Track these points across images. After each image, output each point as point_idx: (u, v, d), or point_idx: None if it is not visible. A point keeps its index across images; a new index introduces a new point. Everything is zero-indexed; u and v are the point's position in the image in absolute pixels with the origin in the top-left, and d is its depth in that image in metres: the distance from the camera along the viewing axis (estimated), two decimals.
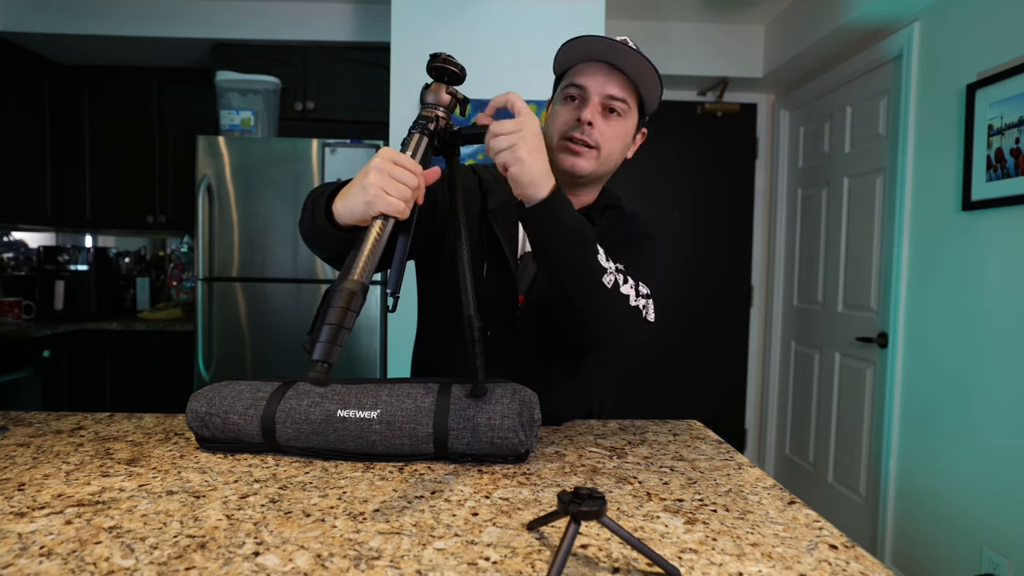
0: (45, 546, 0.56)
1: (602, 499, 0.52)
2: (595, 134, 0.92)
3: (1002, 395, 1.74)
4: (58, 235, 3.37)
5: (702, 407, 3.24)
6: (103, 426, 0.97)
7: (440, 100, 0.80)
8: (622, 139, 0.95)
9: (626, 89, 0.93)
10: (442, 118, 0.79)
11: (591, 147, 0.93)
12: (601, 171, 0.97)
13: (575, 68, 0.95)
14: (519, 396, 0.80)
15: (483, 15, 2.31)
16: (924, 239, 2.08)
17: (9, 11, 2.70)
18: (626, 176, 3.16)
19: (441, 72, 0.79)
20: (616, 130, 0.94)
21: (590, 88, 0.92)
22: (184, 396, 2.43)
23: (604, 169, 0.97)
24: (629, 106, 0.94)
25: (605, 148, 0.94)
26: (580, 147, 0.93)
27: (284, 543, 0.57)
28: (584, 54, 0.93)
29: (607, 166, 0.97)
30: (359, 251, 0.66)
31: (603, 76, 0.92)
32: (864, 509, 2.37)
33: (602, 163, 0.95)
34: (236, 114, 2.52)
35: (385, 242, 0.69)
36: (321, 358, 0.58)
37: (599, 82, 0.92)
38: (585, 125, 0.91)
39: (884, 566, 0.56)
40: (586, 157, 0.93)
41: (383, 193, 0.69)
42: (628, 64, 0.91)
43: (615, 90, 0.92)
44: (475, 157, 2.31)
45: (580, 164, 0.94)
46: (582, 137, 0.92)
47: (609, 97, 0.92)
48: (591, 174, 0.95)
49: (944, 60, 2.01)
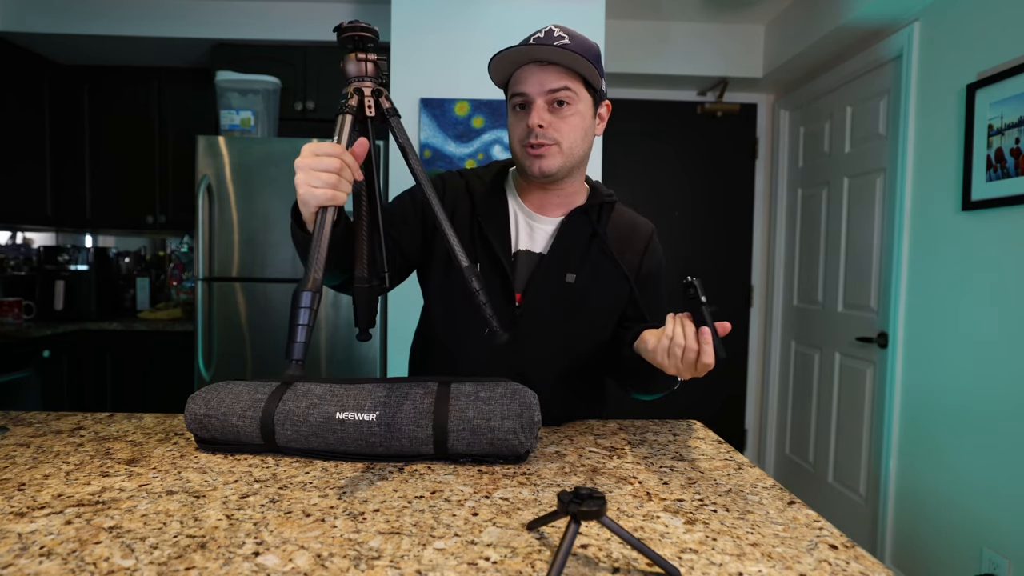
0: (45, 546, 0.56)
1: (602, 499, 0.52)
2: (550, 133, 0.95)
3: (1002, 395, 1.74)
4: (58, 235, 3.37)
5: (702, 407, 3.24)
6: (103, 426, 0.97)
7: (358, 71, 0.78)
8: (578, 126, 0.97)
9: (564, 77, 0.95)
10: (365, 88, 0.78)
11: (550, 144, 0.96)
12: (570, 162, 0.99)
13: (515, 76, 0.98)
14: (519, 397, 0.79)
15: (483, 15, 2.31)
16: (924, 239, 2.08)
17: (9, 11, 2.70)
18: (626, 176, 3.18)
19: (350, 42, 0.77)
20: (570, 120, 0.96)
21: (530, 92, 0.95)
22: (184, 396, 2.43)
23: (573, 160, 0.99)
24: (574, 91, 0.96)
25: (565, 141, 0.97)
26: (541, 148, 0.96)
27: (284, 543, 0.57)
28: (515, 62, 0.96)
29: (575, 155, 0.99)
30: (311, 251, 0.70)
31: (538, 76, 0.95)
32: (864, 509, 2.37)
33: (568, 155, 0.98)
34: (236, 114, 2.52)
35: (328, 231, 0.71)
36: (299, 357, 0.64)
37: (536, 83, 0.95)
38: (536, 129, 0.95)
39: (884, 566, 0.56)
40: (549, 155, 0.96)
41: (310, 188, 0.72)
42: (555, 56, 0.93)
43: (553, 83, 0.94)
44: (475, 157, 2.31)
45: (547, 164, 0.97)
46: (539, 141, 0.95)
47: (550, 92, 0.95)
48: (559, 169, 0.98)
49: (944, 60, 2.01)
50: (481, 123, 2.31)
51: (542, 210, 1.05)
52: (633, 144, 3.18)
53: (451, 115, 2.30)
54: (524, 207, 1.06)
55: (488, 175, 1.09)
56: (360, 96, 0.77)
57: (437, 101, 2.30)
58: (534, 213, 1.05)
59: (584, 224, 1.04)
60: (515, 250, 1.04)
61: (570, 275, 1.01)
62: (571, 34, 0.96)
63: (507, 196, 1.07)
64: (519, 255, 1.04)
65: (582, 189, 1.08)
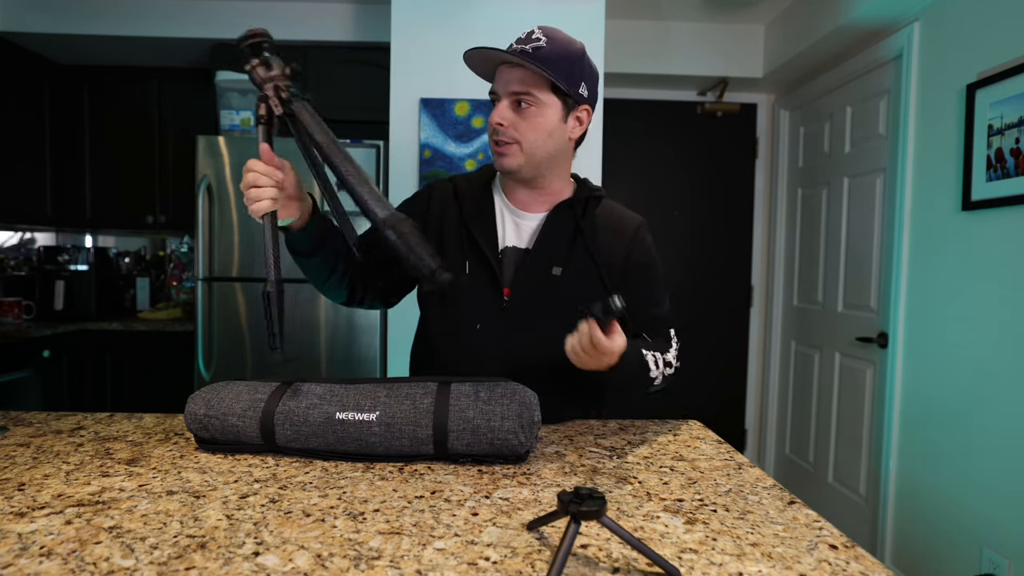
0: (45, 546, 0.56)
1: (602, 499, 0.52)
2: (509, 131, 0.98)
3: (1002, 395, 1.74)
4: (58, 235, 3.37)
5: (702, 407, 3.24)
6: (103, 426, 0.97)
7: (262, 77, 0.82)
8: (540, 128, 0.99)
9: (528, 81, 0.97)
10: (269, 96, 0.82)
11: (510, 143, 0.99)
12: (533, 161, 1.01)
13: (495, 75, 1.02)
14: (519, 397, 0.80)
15: (483, 15, 2.31)
16: (924, 239, 2.08)
17: (9, 11, 2.70)
18: (626, 176, 3.18)
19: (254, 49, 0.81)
20: (530, 121, 0.98)
21: (498, 90, 1.00)
22: (184, 396, 2.43)
23: (536, 159, 1.01)
24: (535, 95, 0.97)
25: (525, 140, 0.99)
26: (502, 147, 0.99)
27: (284, 543, 0.57)
28: (492, 61, 1.00)
29: (537, 155, 1.01)
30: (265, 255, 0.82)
31: (505, 76, 0.99)
32: (864, 509, 2.37)
33: (529, 154, 1.00)
34: (236, 114, 2.52)
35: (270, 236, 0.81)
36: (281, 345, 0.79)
37: (503, 83, 0.99)
38: (496, 126, 0.99)
39: (884, 566, 0.56)
40: (509, 154, 1.00)
41: (249, 202, 0.83)
42: (514, 61, 0.96)
43: (516, 85, 0.97)
44: (475, 157, 2.31)
45: (506, 161, 1.00)
46: (499, 137, 0.99)
47: (513, 93, 0.98)
48: (520, 167, 1.01)
49: (944, 60, 2.00)
50: (481, 123, 2.30)
51: (527, 207, 1.07)
52: (633, 144, 3.18)
53: (451, 115, 2.30)
54: (509, 205, 1.08)
55: (476, 177, 1.13)
56: (266, 102, 0.82)
57: (437, 101, 2.29)
58: (518, 210, 1.07)
59: (569, 218, 1.06)
60: (502, 247, 1.06)
61: (556, 268, 1.03)
62: (552, 36, 0.97)
63: (494, 195, 1.10)
64: (506, 251, 1.06)
65: (567, 186, 1.09)
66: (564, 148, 1.03)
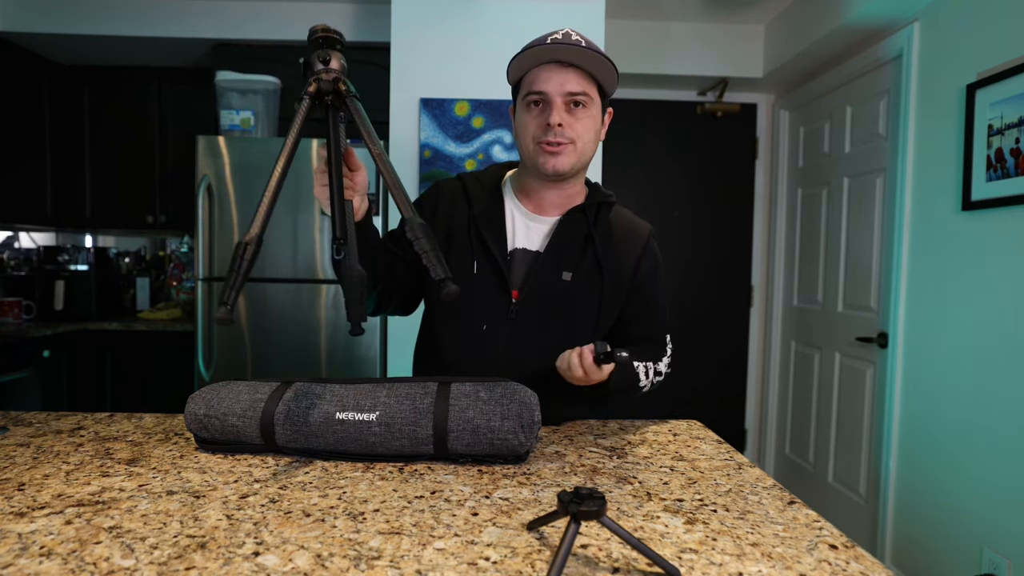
0: (45, 546, 0.56)
1: (602, 499, 0.52)
2: (567, 132, 0.98)
3: (1002, 394, 1.74)
4: (58, 235, 3.37)
5: (702, 407, 3.24)
6: (103, 426, 0.97)
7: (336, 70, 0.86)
8: (592, 128, 1.01)
9: (583, 82, 0.98)
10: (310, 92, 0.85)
11: (566, 143, 0.99)
12: (583, 161, 1.03)
13: (531, 74, 1.00)
14: (519, 397, 0.79)
15: (483, 15, 2.31)
16: (924, 239, 2.08)
17: (9, 11, 2.70)
18: (626, 175, 3.18)
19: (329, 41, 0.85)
20: (585, 122, 1.00)
21: (550, 91, 0.98)
22: (184, 396, 2.43)
23: (583, 160, 1.03)
24: (590, 96, 0.99)
25: (579, 141, 1.00)
26: (557, 147, 0.99)
27: (284, 543, 0.57)
28: (536, 59, 0.98)
29: (585, 156, 1.02)
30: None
31: (559, 77, 0.97)
32: (864, 509, 2.37)
33: (580, 155, 1.01)
34: (236, 114, 2.52)
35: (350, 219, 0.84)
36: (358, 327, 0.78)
37: (556, 83, 0.97)
38: (556, 128, 0.97)
39: (884, 566, 0.56)
40: (564, 154, 1.00)
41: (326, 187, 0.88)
42: (578, 58, 0.96)
43: (573, 86, 0.97)
44: (475, 157, 2.31)
45: (561, 162, 1.00)
46: (556, 139, 0.98)
47: (570, 94, 0.98)
48: (572, 168, 1.01)
49: (944, 60, 2.00)
50: (481, 123, 2.31)
51: (540, 210, 1.07)
52: (633, 144, 3.18)
53: (451, 115, 2.30)
54: (521, 207, 1.08)
55: (486, 177, 1.12)
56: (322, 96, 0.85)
57: (437, 101, 2.29)
58: (531, 213, 1.08)
59: (581, 223, 1.06)
60: (511, 248, 1.06)
61: (566, 273, 1.03)
62: (585, 38, 0.99)
63: (504, 197, 1.10)
64: (515, 253, 1.06)
65: (582, 190, 1.10)
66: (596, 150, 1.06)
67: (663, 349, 1.13)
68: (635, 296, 1.09)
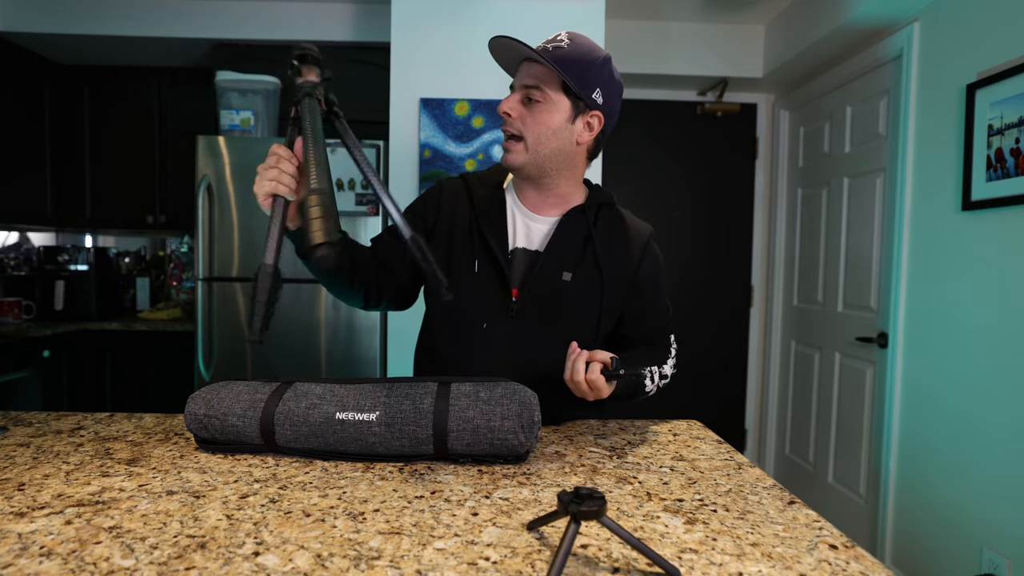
0: (45, 546, 0.56)
1: (602, 499, 0.52)
2: (515, 123, 0.99)
3: (1002, 395, 1.74)
4: (58, 235, 3.37)
5: (702, 407, 3.24)
6: (103, 426, 0.97)
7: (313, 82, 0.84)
8: (545, 124, 0.99)
9: (542, 77, 0.98)
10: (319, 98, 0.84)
11: (516, 138, 1.00)
12: (537, 159, 1.01)
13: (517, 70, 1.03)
14: (519, 397, 0.79)
15: (483, 15, 2.31)
16: (924, 239, 2.08)
17: (9, 11, 2.70)
18: (626, 176, 3.18)
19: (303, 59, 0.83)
20: (537, 116, 0.99)
21: (515, 83, 1.01)
22: (184, 396, 2.43)
23: (539, 157, 1.01)
24: (545, 91, 0.98)
25: (530, 137, 0.99)
26: (508, 142, 1.01)
27: (284, 543, 0.57)
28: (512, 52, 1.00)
29: (540, 152, 1.00)
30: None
31: (524, 70, 1.00)
32: (864, 509, 2.37)
33: (532, 151, 1.00)
34: (236, 114, 2.52)
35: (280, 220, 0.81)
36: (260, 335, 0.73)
37: (520, 76, 1.01)
38: (502, 115, 1.00)
39: (884, 566, 0.56)
40: (514, 151, 1.01)
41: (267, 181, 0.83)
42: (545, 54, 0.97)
43: (527, 79, 0.99)
44: (475, 157, 2.31)
45: (510, 158, 1.01)
46: (506, 128, 1.00)
47: (524, 87, 0.99)
48: (524, 164, 1.01)
49: (944, 60, 2.00)
50: (481, 123, 2.31)
51: (539, 209, 1.07)
52: (633, 144, 3.18)
53: (451, 115, 2.30)
54: (522, 206, 1.08)
55: (488, 176, 1.13)
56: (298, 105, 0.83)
57: (437, 101, 2.29)
58: (531, 212, 1.07)
59: (581, 224, 1.06)
60: (512, 247, 1.06)
61: (566, 274, 1.03)
62: (575, 40, 0.98)
63: (506, 196, 1.10)
64: (516, 252, 1.06)
65: (579, 190, 1.09)
66: (570, 150, 1.02)
67: (667, 351, 1.13)
68: (636, 297, 1.09)
